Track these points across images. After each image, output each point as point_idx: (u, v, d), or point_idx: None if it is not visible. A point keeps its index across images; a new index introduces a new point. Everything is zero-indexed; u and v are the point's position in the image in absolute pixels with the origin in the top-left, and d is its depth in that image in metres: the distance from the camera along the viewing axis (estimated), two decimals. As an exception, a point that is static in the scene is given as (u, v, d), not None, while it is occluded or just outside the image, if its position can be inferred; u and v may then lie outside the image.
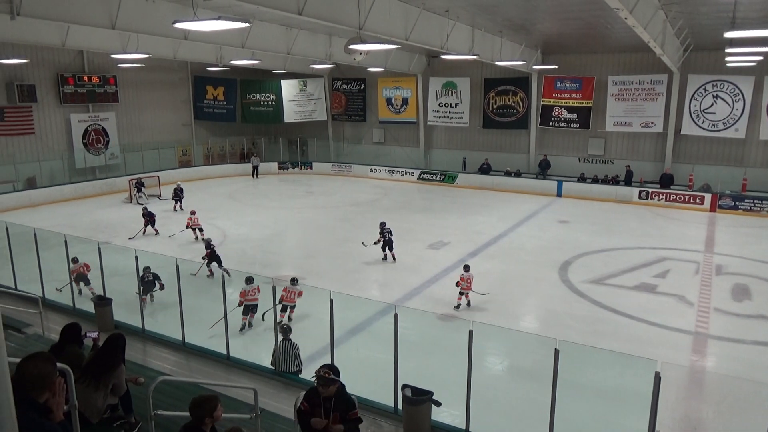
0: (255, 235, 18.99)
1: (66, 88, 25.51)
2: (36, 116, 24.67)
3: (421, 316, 10.75)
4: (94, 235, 18.06)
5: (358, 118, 33.39)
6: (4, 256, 12.28)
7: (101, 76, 26.71)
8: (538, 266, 15.79)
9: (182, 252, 16.41)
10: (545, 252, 17.14)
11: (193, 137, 32.17)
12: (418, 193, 27.60)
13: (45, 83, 24.99)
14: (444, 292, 13.83)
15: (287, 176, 31.85)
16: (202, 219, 19.31)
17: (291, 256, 17.56)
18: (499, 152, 29.17)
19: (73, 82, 25.74)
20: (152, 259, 12.31)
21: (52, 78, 25.25)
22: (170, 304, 10.37)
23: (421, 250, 17.28)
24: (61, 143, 25.99)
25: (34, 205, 23.27)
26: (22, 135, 24.18)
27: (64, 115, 25.90)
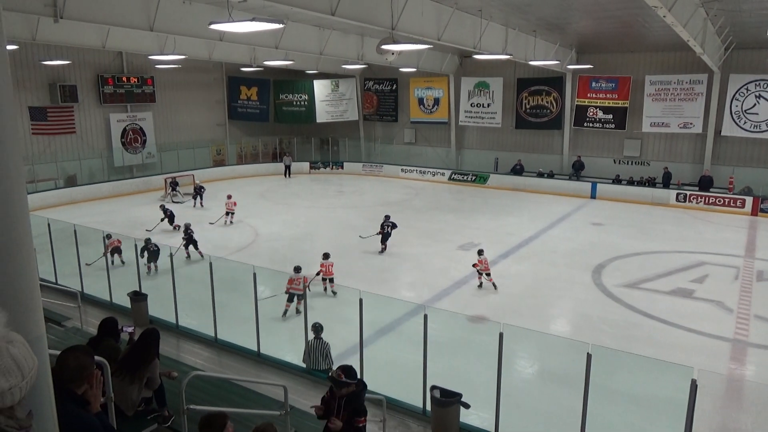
0: (286, 234, 19.18)
1: (105, 88, 26.21)
2: (77, 116, 25.41)
3: (450, 318, 10.70)
4: (131, 231, 18.51)
5: (389, 118, 33.42)
6: (46, 251, 12.68)
7: (139, 77, 27.37)
8: (571, 269, 15.55)
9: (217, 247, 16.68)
10: (578, 255, 16.86)
11: (227, 137, 32.68)
12: (449, 193, 27.46)
13: (86, 84, 25.74)
14: (474, 293, 13.73)
15: (318, 176, 32.10)
16: (234, 217, 19.60)
17: (320, 253, 17.65)
18: (532, 153, 28.84)
19: (113, 83, 26.43)
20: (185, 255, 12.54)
21: (93, 79, 25.98)
22: (203, 301, 10.55)
23: (451, 251, 17.20)
24: (101, 142, 26.72)
25: (75, 202, 23.97)
26: (63, 134, 24.93)
27: (104, 114, 26.62)
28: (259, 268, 9.73)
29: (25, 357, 1.73)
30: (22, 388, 1.71)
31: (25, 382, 1.72)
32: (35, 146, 24.06)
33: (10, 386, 1.67)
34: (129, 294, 11.07)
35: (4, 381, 1.66)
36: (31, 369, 1.74)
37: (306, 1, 11.21)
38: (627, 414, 8.56)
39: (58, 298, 11.39)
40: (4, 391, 1.66)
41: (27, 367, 1.73)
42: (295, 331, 9.29)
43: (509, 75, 28.47)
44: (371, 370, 8.56)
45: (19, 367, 1.70)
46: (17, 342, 1.73)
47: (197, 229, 19.66)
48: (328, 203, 24.30)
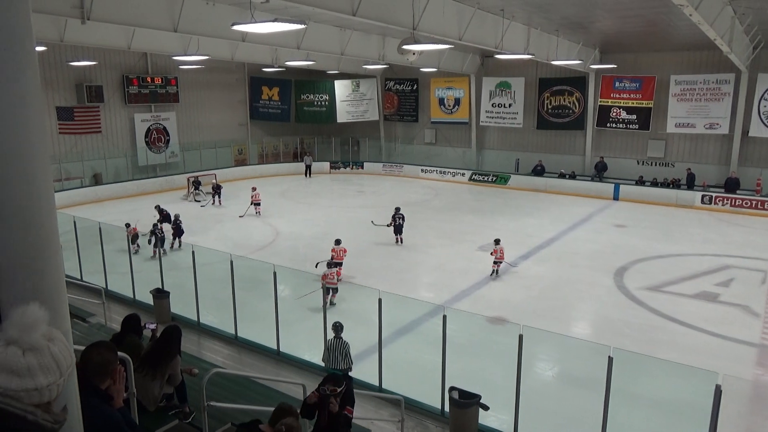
0: (306, 233, 19.29)
1: (130, 89, 26.64)
2: (103, 116, 25.86)
3: (469, 319, 10.65)
4: (154, 230, 18.75)
5: (409, 118, 33.39)
6: (72, 248, 12.93)
7: (163, 78, 27.75)
8: (593, 271, 15.37)
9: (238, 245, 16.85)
10: (600, 257, 16.67)
11: (249, 136, 32.97)
12: (469, 194, 27.35)
13: (111, 84, 26.19)
14: (494, 294, 13.66)
15: (339, 175, 32.21)
16: (254, 216, 19.75)
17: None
18: (554, 154, 28.58)
19: (137, 83, 26.85)
20: (206, 254, 12.70)
21: (118, 79, 26.42)
22: (223, 299, 10.66)
23: (471, 251, 17.13)
24: (125, 142, 27.16)
25: (100, 200, 24.40)
26: (89, 134, 25.40)
27: (128, 114, 27.05)
28: (279, 267, 9.80)
29: (63, 354, 1.78)
30: (60, 384, 1.77)
31: (63, 378, 1.77)
32: (62, 145, 24.57)
33: (49, 383, 1.72)
34: (152, 291, 11.23)
35: (44, 378, 1.71)
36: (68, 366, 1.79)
37: (327, 1, 11.27)
38: (649, 419, 8.43)
39: (83, 295, 11.61)
40: (43, 387, 1.71)
41: (65, 365, 1.78)
42: (315, 331, 9.34)
43: (531, 75, 28.24)
44: (390, 370, 8.57)
45: (58, 365, 1.75)
46: (58, 340, 1.79)
47: (219, 227, 19.90)
48: (348, 203, 24.37)
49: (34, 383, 1.69)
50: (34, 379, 1.69)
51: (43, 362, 1.71)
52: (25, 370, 1.68)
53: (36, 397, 1.70)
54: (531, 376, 8.93)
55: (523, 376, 6.94)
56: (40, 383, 1.70)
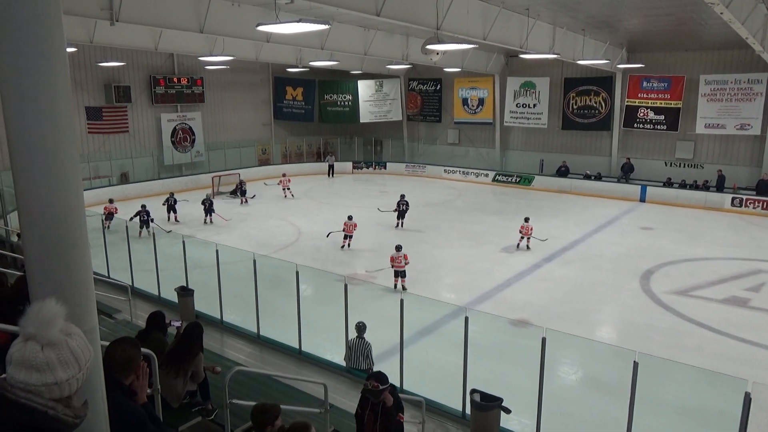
0: (329, 233, 19.35)
1: (157, 89, 27.07)
2: (130, 116, 26.34)
3: (492, 321, 10.59)
4: (180, 228, 19.06)
5: (433, 118, 33.32)
6: (99, 245, 13.19)
7: (189, 78, 28.15)
8: (618, 274, 15.16)
9: (260, 245, 17.00)
10: (626, 259, 16.43)
11: (273, 136, 33.26)
12: (493, 195, 27.19)
13: (139, 84, 26.65)
14: (517, 296, 13.56)
15: (361, 175, 32.28)
16: (278, 215, 19.89)
17: (363, 254, 17.78)
18: (579, 154, 28.25)
19: (164, 84, 27.28)
20: (230, 253, 12.85)
21: (145, 80, 26.87)
22: (246, 297, 10.77)
23: (494, 253, 17.03)
24: (152, 141, 27.62)
25: (127, 198, 24.80)
26: (117, 133, 25.90)
27: (155, 114, 27.50)
28: (301, 267, 9.86)
29: (82, 349, 1.80)
30: (79, 379, 1.79)
31: (82, 373, 1.79)
32: (91, 144, 25.07)
33: (68, 377, 1.75)
34: (176, 289, 11.38)
35: (63, 372, 1.74)
36: (87, 360, 1.82)
37: (351, 1, 11.30)
38: (675, 426, 8.28)
39: (109, 292, 11.83)
40: (63, 381, 1.74)
41: (84, 359, 1.80)
42: (336, 331, 9.37)
43: (556, 75, 27.96)
44: (411, 371, 8.56)
45: (77, 359, 1.78)
46: (75, 334, 1.81)
47: (243, 226, 20.09)
48: (371, 203, 24.40)
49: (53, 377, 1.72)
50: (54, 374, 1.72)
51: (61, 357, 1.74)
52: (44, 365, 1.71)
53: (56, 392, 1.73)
54: (554, 379, 8.83)
55: (545, 380, 6.87)
56: (60, 377, 1.73)
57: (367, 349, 8.77)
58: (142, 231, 17.85)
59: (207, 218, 20.93)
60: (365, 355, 8.74)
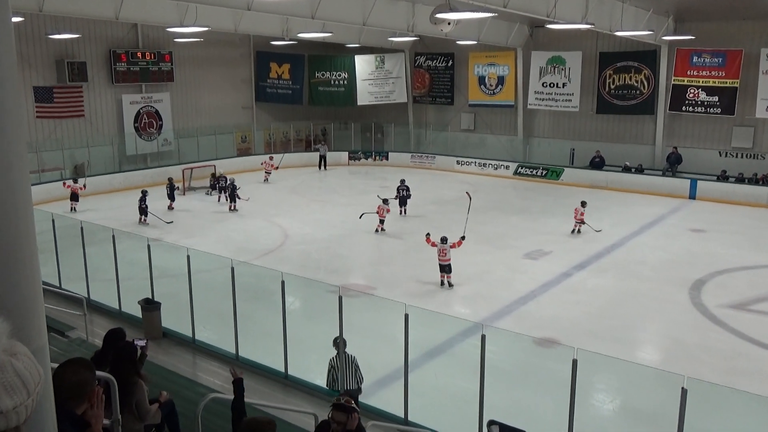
0: (320, 236, 19.41)
1: (118, 65, 27.13)
2: (86, 97, 26.39)
3: (513, 339, 10.59)
4: (144, 230, 19.10)
5: (444, 100, 33.34)
6: (49, 250, 13.21)
7: (156, 53, 28.21)
8: (663, 284, 15.17)
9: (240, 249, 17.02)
10: (672, 267, 16.43)
11: (254, 122, 33.32)
12: (514, 190, 27.18)
13: (96, 60, 26.70)
14: (543, 311, 13.56)
15: (359, 168, 32.31)
16: (260, 215, 19.89)
17: (361, 261, 17.79)
18: (616, 143, 28.24)
19: (126, 60, 27.33)
20: (204, 259, 12.86)
21: (104, 55, 26.93)
22: (223, 311, 10.79)
23: (515, 259, 17.04)
24: (112, 127, 27.68)
25: (83, 195, 24.84)
26: (71, 117, 25.94)
27: (116, 96, 27.56)
28: (288, 276, 9.88)
29: (30, 371, 1.76)
30: (28, 406, 1.75)
31: (31, 399, 1.75)
32: (40, 131, 25.12)
33: (15, 405, 1.70)
34: (140, 302, 11.42)
35: (8, 400, 1.69)
36: (37, 384, 1.78)
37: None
38: (730, 464, 8.28)
39: (61, 305, 11.85)
40: (9, 410, 1.69)
41: (33, 383, 1.76)
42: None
43: (590, 48, 27.96)
44: (417, 400, 8.58)
45: (25, 384, 1.73)
46: (21, 354, 1.77)
47: (219, 228, 20.11)
48: (370, 201, 24.39)
49: None
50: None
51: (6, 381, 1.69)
52: None
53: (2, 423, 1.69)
54: (587, 409, 8.84)
55: (576, 410, 6.87)
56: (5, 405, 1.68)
57: (354, 364, 8.75)
58: (141, 218, 20.75)
59: (231, 205, 22.77)
60: (353, 369, 8.70)
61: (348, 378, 8.79)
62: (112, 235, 12.58)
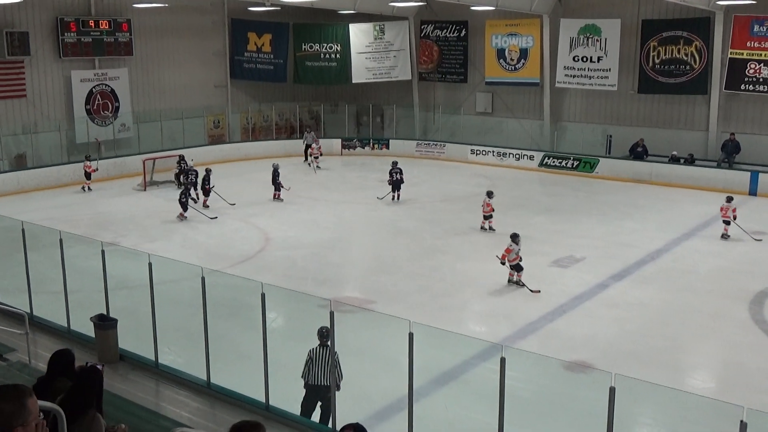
0: (308, 240, 19.36)
1: (66, 36, 27.09)
2: (28, 74, 26.36)
3: (538, 363, 10.57)
4: (98, 233, 19.02)
5: (455, 77, 33.32)
6: (-16, 257, 13.21)
7: (111, 21, 28.16)
8: (718, 298, 15.15)
9: (212, 255, 17.00)
10: (729, 277, 16.41)
11: (229, 103, 33.30)
12: (540, 185, 27.15)
13: (41, 30, 26.66)
14: (574, 329, 13.53)
15: (354, 158, 32.24)
16: (236, 214, 19.83)
17: (357, 270, 17.74)
18: (662, 128, 28.22)
19: (76, 29, 27.29)
20: (169, 267, 12.83)
21: (50, 23, 26.89)
22: (192, 330, 10.75)
23: (542, 267, 17.00)
24: (59, 110, 27.65)
25: (24, 190, 24.84)
26: (10, 98, 25.90)
27: (64, 72, 27.53)
28: (269, 287, 9.84)
29: None
30: None
31: None
32: (-27, 115, 25.14)
33: None
34: (93, 318, 11.37)
35: None
36: None
37: None
38: None
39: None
40: None
41: None
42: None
43: (630, 15, 27.96)
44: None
45: None
46: None
47: (186, 230, 20.08)
48: (368, 197, 24.39)
49: None
50: None
51: None
52: None
53: None
54: (627, 446, 8.81)
55: (615, 447, 6.85)
56: None
57: (334, 358, 9.23)
58: None
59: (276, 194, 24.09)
60: (332, 365, 9.16)
61: (322, 372, 9.40)
62: (60, 239, 12.54)
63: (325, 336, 9.58)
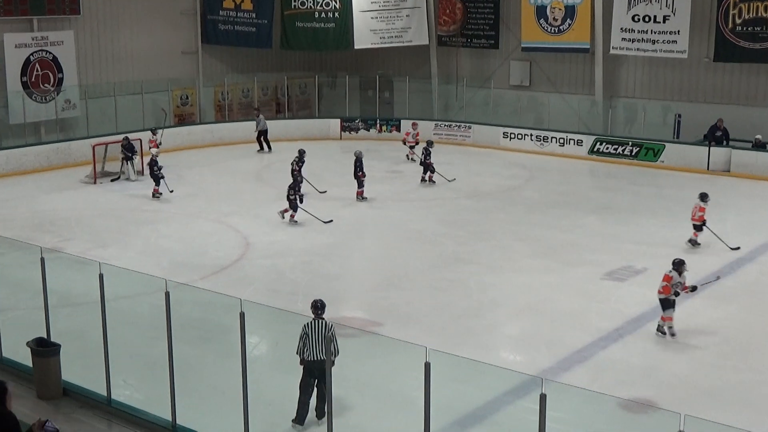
0: (299, 245, 19.33)
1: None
2: (-51, 38, 26.49)
3: (588, 401, 10.56)
4: (36, 236, 19.09)
5: (484, 42, 33.33)
6: None
7: (53, -29, 28.24)
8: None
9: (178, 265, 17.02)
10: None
11: (200, 75, 33.34)
12: (591, 178, 27.12)
13: (-35, -17, 26.76)
14: (633, 358, 13.51)
15: (356, 142, 32.10)
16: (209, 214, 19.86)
17: (360, 283, 17.72)
18: (746, 106, 28.15)
19: (9, -19, 27.40)
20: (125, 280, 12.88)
21: (-24, -26, 26.98)
22: (153, 357, 10.77)
23: (592, 281, 16.98)
24: (-12, 82, 27.75)
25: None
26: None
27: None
28: (250, 305, 9.85)
29: None
30: None
31: None
32: None
33: None
34: (30, 343, 11.41)
35: None
36: None
37: None
38: None
39: None
40: None
41: None
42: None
43: (704, -36, 27.94)
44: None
45: None
46: None
47: (147, 232, 20.11)
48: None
49: None
50: None
51: None
52: None
53: None
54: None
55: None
56: None
57: (330, 331, 10.21)
58: None
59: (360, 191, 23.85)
60: (328, 339, 9.91)
61: (318, 346, 10.32)
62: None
63: (319, 308, 10.80)
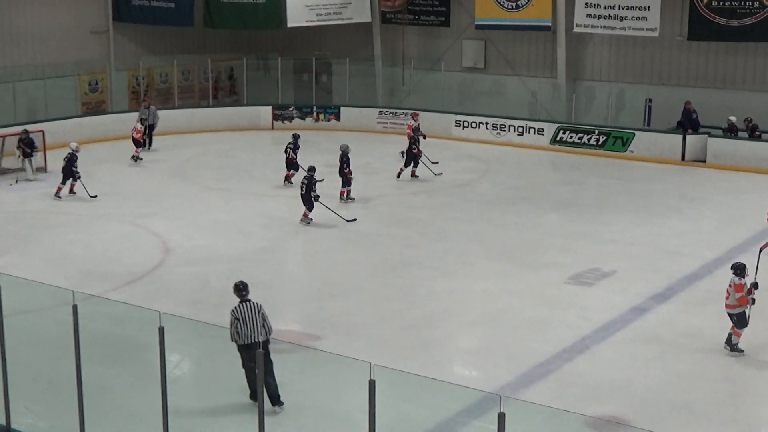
0: (226, 251, 19.26)
1: None
2: None
3: (551, 419, 10.66)
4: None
5: (433, 19, 33.52)
6: None
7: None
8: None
9: (90, 273, 16.86)
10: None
11: (111, 57, 33.10)
12: (553, 170, 27.39)
13: None
14: (600, 371, 13.64)
15: (289, 132, 31.92)
16: (122, 215, 19.75)
17: (295, 292, 17.69)
18: (722, 89, 28.57)
19: None
20: (26, 291, 12.74)
21: None
22: (59, 379, 10.66)
23: (555, 285, 17.12)
24: None
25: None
26: None
27: None
28: (170, 318, 9.79)
29: None
30: None
31: None
32: None
33: None
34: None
35: None
36: None
37: None
38: None
39: None
40: None
41: None
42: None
43: (676, -68, 28.32)
44: None
45: None
46: None
47: (52, 237, 19.89)
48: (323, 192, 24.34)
49: None
50: None
51: None
52: None
53: None
54: None
55: None
56: None
57: (261, 311, 11.54)
58: None
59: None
60: (261, 318, 11.48)
61: (256, 328, 11.40)
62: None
63: (242, 290, 11.79)
